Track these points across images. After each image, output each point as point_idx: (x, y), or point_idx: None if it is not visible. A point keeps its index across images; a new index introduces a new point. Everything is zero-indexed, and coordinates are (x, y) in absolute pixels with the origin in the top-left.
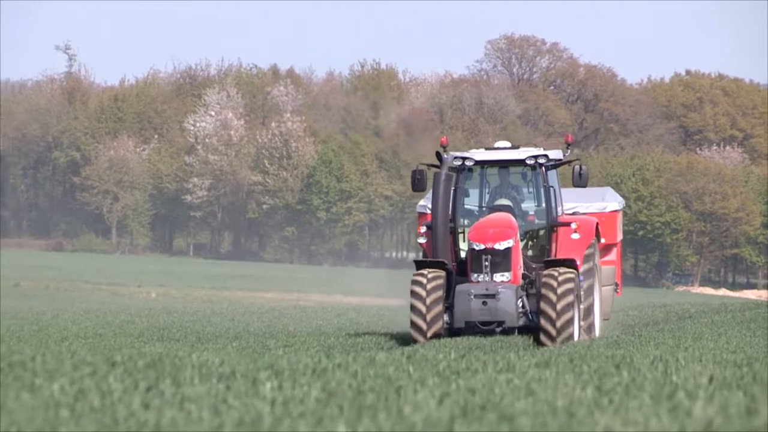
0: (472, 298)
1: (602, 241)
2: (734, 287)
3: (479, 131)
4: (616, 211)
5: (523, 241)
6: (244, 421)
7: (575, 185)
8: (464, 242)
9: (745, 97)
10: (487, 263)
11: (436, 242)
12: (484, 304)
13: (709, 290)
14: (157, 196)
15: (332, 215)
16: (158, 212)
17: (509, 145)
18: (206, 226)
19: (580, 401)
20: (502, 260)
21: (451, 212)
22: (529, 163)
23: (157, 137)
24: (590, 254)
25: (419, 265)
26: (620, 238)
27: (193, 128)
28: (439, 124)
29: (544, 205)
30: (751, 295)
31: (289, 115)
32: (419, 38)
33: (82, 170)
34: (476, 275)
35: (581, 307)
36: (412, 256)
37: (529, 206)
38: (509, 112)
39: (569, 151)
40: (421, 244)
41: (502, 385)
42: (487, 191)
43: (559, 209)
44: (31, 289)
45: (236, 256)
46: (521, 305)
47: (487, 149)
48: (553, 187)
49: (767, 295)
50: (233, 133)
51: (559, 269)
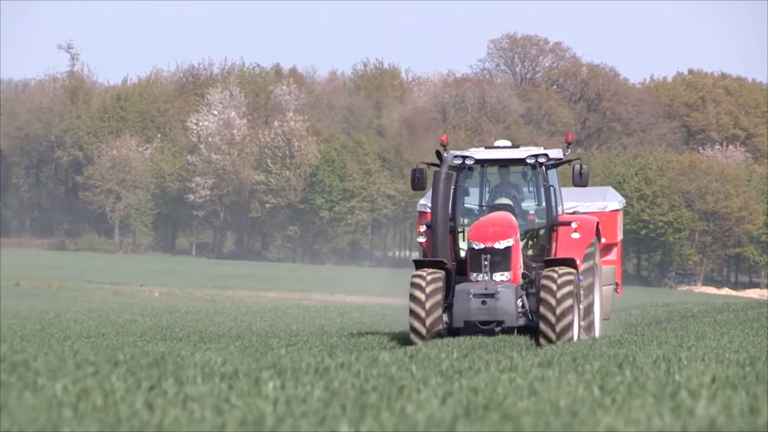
0: (471, 297)
1: (603, 240)
2: (737, 286)
3: (482, 130)
4: (616, 210)
5: (523, 240)
6: (246, 420)
7: (575, 184)
8: (464, 241)
9: (747, 96)
10: (486, 262)
11: (435, 241)
12: (483, 303)
13: (711, 289)
14: (159, 195)
15: (335, 214)
16: (161, 211)
17: (509, 144)
18: (209, 225)
19: (582, 401)
20: (501, 259)
21: (450, 211)
22: (529, 162)
23: (159, 136)
24: (590, 254)
25: (418, 264)
26: (621, 237)
27: (195, 127)
28: (441, 123)
29: (544, 204)
30: (753, 294)
31: (291, 114)
32: (422, 37)
33: (84, 169)
34: (476, 275)
35: (581, 306)
36: (414, 255)
37: (529, 205)
38: (512, 111)
39: (569, 150)
40: (420, 243)
41: (504, 384)
42: (487, 190)
43: (559, 208)
44: (33, 288)
45: (239, 255)
46: (521, 305)
47: (487, 148)
48: (553, 186)
49: None
50: (236, 132)
51: (558, 269)
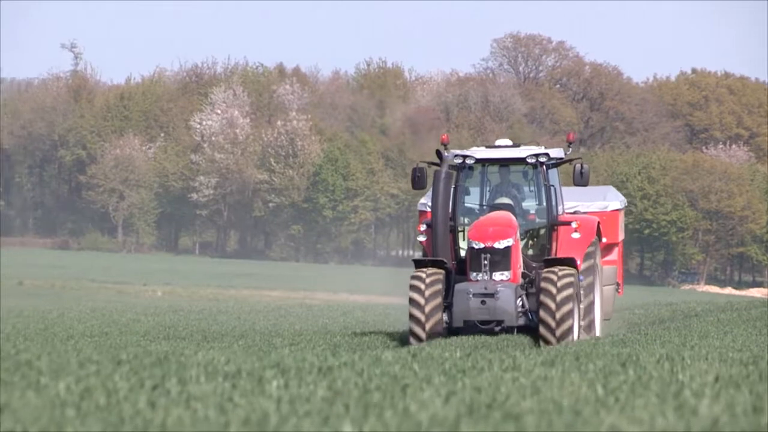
0: (470, 297)
1: (603, 240)
2: (740, 286)
3: (485, 130)
4: (617, 210)
5: (523, 240)
6: (250, 419)
7: (576, 184)
8: (464, 241)
9: (750, 95)
10: (486, 262)
11: (435, 241)
12: (482, 303)
13: (714, 288)
14: (163, 194)
15: (338, 213)
16: (164, 211)
17: (510, 143)
18: (212, 224)
19: (585, 400)
20: (501, 259)
21: (451, 211)
22: (529, 161)
23: (163, 135)
24: (591, 253)
25: (418, 264)
26: (622, 237)
27: (199, 126)
28: (445, 122)
29: (544, 203)
30: (757, 293)
31: (295, 113)
32: (425, 36)
33: (88, 169)
34: (475, 274)
35: (581, 306)
36: (417, 254)
37: (529, 205)
38: (515, 110)
39: (570, 149)
40: (421, 242)
41: (507, 383)
42: (487, 189)
43: (559, 208)
44: (36, 287)
45: (242, 254)
46: (521, 304)
47: (487, 147)
48: (553, 185)
49: None
50: (239, 131)
51: (558, 268)
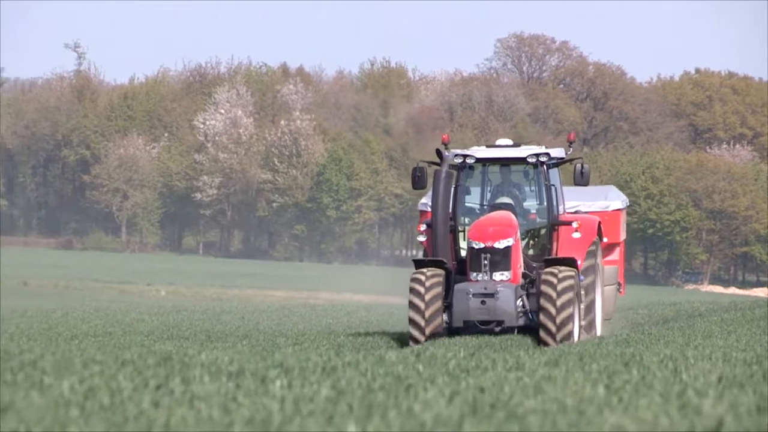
0: (470, 297)
1: (605, 240)
2: (744, 285)
3: (489, 129)
4: (619, 210)
5: (524, 239)
6: (253, 419)
7: (576, 184)
8: (464, 241)
9: (754, 95)
10: (486, 262)
11: (435, 241)
12: (482, 303)
13: (718, 288)
14: (166, 194)
15: (342, 213)
16: (168, 210)
17: (510, 142)
18: (216, 224)
19: (589, 399)
20: (501, 259)
21: (451, 210)
22: (530, 161)
23: (166, 135)
24: (592, 253)
25: (418, 264)
26: (623, 237)
27: (202, 126)
28: (448, 122)
29: (545, 203)
30: (760, 293)
31: (298, 113)
32: (429, 36)
33: (91, 168)
34: (475, 274)
35: (581, 305)
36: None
37: (530, 205)
38: (519, 110)
39: (571, 149)
40: (421, 242)
41: (511, 383)
42: (488, 189)
43: (560, 208)
44: (40, 287)
45: (246, 254)
46: (521, 304)
47: (488, 147)
48: (554, 185)
49: None
50: (243, 131)
51: (559, 268)
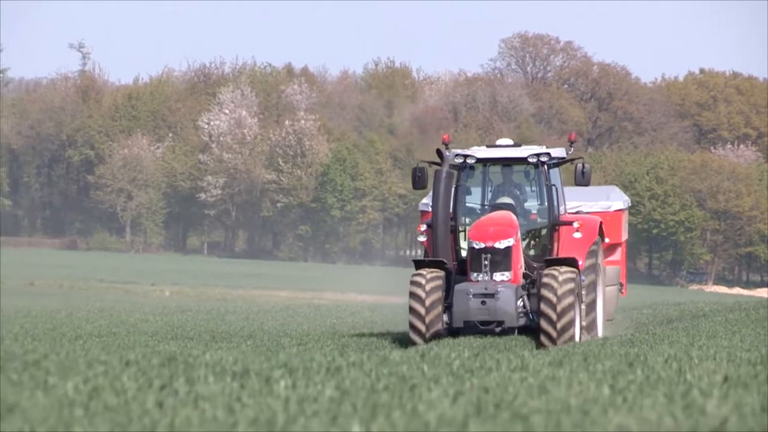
0: (470, 297)
1: (606, 240)
2: (748, 285)
3: (493, 130)
4: (620, 210)
5: (525, 240)
6: (258, 419)
7: (577, 184)
8: (465, 241)
9: (759, 95)
10: (486, 262)
11: (436, 241)
12: (482, 303)
13: (723, 289)
14: (171, 194)
15: (346, 213)
16: (172, 210)
17: (511, 142)
18: (220, 224)
19: (594, 400)
20: (502, 259)
21: (452, 210)
22: (531, 161)
23: (171, 135)
24: (593, 253)
25: (418, 264)
26: (625, 237)
27: (207, 126)
28: (453, 122)
29: (546, 203)
30: (765, 293)
31: (303, 113)
32: (433, 37)
33: (96, 169)
34: (476, 274)
35: (582, 306)
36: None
37: (531, 205)
38: (523, 110)
39: (572, 149)
40: (421, 242)
41: (515, 383)
42: (489, 189)
43: (561, 208)
44: (45, 287)
45: (250, 254)
46: (521, 305)
47: (489, 147)
48: (555, 185)
49: None
50: (247, 131)
51: (559, 268)
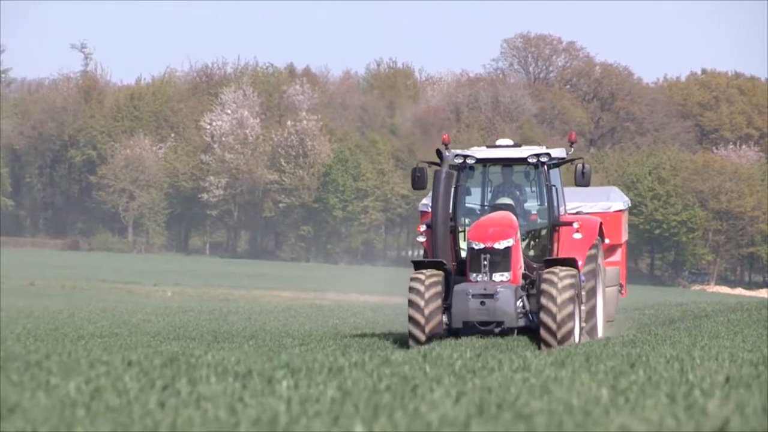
0: (470, 298)
1: (606, 241)
2: (750, 286)
3: (495, 130)
4: (620, 210)
5: (524, 240)
6: (260, 419)
7: (577, 184)
8: (464, 241)
9: (761, 95)
10: (486, 263)
11: (435, 241)
12: (482, 304)
13: (725, 289)
14: (173, 194)
15: (348, 214)
16: (174, 211)
17: (511, 142)
18: (222, 224)
19: (596, 400)
20: (501, 260)
21: (451, 211)
22: (531, 161)
23: (173, 136)
24: (593, 255)
25: (418, 265)
26: (625, 238)
27: (209, 127)
28: (455, 122)
29: (546, 204)
30: (767, 293)
31: (305, 113)
32: (435, 37)
33: (98, 169)
34: (475, 275)
35: (583, 308)
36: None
37: (531, 205)
38: (525, 110)
39: (572, 149)
40: (421, 243)
41: (518, 384)
42: (489, 190)
43: (561, 208)
44: (47, 288)
45: (252, 254)
46: (521, 305)
47: (489, 147)
48: (555, 186)
49: None
50: (249, 131)
51: (559, 269)
